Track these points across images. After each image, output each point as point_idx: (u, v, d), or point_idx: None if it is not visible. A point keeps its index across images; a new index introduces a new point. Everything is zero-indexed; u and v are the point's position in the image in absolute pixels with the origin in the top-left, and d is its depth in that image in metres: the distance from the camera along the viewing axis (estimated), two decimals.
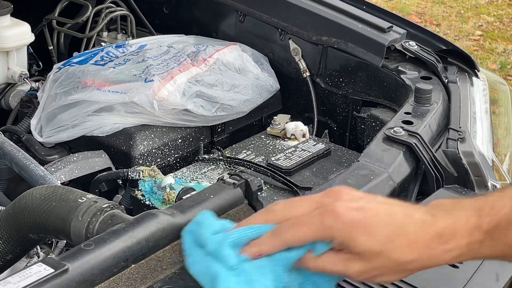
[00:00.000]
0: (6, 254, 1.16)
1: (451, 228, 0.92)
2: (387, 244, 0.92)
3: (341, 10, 1.95)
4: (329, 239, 0.94)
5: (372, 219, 0.93)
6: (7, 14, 2.05)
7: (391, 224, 0.93)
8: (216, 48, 1.96)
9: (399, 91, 1.80)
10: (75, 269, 0.94)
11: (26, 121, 1.88)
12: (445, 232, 0.92)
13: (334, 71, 1.96)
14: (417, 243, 0.92)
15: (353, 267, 0.94)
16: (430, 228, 0.92)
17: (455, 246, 0.92)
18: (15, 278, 0.91)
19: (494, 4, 5.93)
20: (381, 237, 0.92)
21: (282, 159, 1.69)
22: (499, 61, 4.91)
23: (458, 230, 0.92)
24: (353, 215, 0.93)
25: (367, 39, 1.88)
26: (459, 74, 1.86)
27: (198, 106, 1.77)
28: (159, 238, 1.04)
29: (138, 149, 1.71)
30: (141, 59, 1.88)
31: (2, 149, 1.56)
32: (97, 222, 1.07)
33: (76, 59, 1.92)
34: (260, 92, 1.90)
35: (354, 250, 0.93)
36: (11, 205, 1.16)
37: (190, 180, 1.64)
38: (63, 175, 1.64)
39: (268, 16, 2.04)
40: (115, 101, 1.74)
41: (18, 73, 2.05)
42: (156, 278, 1.01)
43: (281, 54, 2.04)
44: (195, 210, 1.11)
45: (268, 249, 0.96)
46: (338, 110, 1.98)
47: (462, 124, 1.60)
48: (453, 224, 0.92)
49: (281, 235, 0.95)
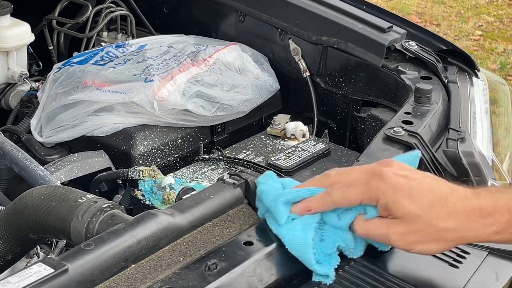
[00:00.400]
0: (6, 254, 1.17)
1: (492, 205, 0.98)
2: (428, 210, 0.98)
3: (341, 10, 1.95)
4: (374, 200, 1.01)
5: (416, 186, 1.00)
6: (7, 14, 2.05)
7: (434, 193, 1.00)
8: (216, 48, 1.96)
9: (399, 91, 1.80)
10: (75, 269, 0.94)
11: (26, 121, 1.88)
12: (485, 208, 0.98)
13: (334, 71, 1.96)
14: (457, 212, 0.98)
15: (394, 229, 1.01)
16: (471, 201, 0.98)
17: (494, 221, 0.97)
18: (15, 278, 0.91)
19: (494, 4, 5.93)
20: (422, 202, 0.99)
21: (282, 159, 1.69)
22: (499, 61, 4.91)
23: (498, 208, 0.97)
24: (398, 179, 1.00)
25: (367, 39, 1.88)
26: (459, 74, 1.86)
27: (198, 106, 1.77)
28: (159, 238, 1.04)
29: (138, 149, 1.71)
30: (141, 59, 1.88)
31: (2, 149, 1.56)
32: (97, 222, 1.07)
33: (76, 59, 1.92)
34: (260, 92, 1.90)
35: (396, 212, 1.00)
36: (11, 205, 1.17)
37: (190, 180, 1.64)
38: (63, 175, 1.64)
39: (268, 16, 2.04)
40: (115, 101, 1.74)
41: (18, 73, 2.05)
42: (156, 278, 1.01)
43: (281, 54, 2.04)
44: (195, 210, 1.11)
45: (317, 206, 1.06)
46: (338, 110, 1.98)
47: (462, 124, 1.60)
48: (494, 202, 0.98)
49: (331, 194, 1.05)
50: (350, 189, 1.03)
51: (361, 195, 1.02)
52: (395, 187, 1.00)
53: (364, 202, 1.03)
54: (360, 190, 1.02)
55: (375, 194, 1.01)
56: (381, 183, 1.01)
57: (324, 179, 1.08)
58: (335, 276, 1.08)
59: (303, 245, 1.06)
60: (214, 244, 1.09)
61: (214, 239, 1.10)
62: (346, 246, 1.10)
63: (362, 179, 1.03)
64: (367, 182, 1.02)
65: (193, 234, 1.09)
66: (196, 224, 1.10)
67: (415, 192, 0.99)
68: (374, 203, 1.02)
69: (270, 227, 1.11)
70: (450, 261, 1.17)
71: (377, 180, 1.01)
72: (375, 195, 1.01)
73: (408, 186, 1.00)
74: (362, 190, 1.02)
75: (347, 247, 1.10)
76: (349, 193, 1.03)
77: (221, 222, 1.14)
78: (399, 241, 1.02)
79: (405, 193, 0.99)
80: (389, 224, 1.02)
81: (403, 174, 1.01)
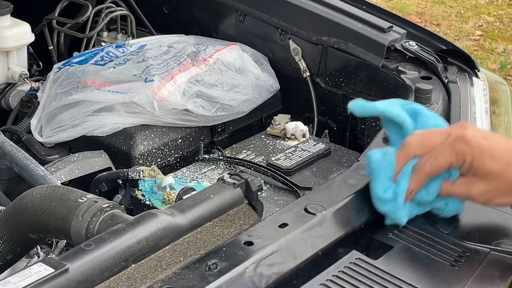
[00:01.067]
0: (6, 254, 1.17)
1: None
2: (507, 168, 1.11)
3: (341, 10, 1.95)
4: (461, 162, 1.12)
5: (496, 146, 1.12)
6: (7, 14, 2.05)
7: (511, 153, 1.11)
8: (216, 48, 1.96)
9: (399, 91, 1.80)
10: (75, 269, 0.94)
11: (26, 121, 1.88)
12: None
13: (334, 71, 1.96)
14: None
15: (477, 187, 1.14)
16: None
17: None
18: (15, 278, 0.91)
19: (494, 4, 5.93)
20: (503, 161, 1.11)
21: (282, 159, 1.69)
22: (499, 61, 4.91)
23: None
24: (480, 141, 1.11)
25: (367, 39, 1.88)
26: (459, 74, 1.86)
27: (198, 106, 1.77)
28: (159, 238, 1.04)
29: (138, 149, 1.71)
30: (141, 59, 1.88)
31: (2, 149, 1.56)
32: (97, 222, 1.07)
33: (76, 59, 1.92)
34: (260, 92, 1.90)
35: (480, 172, 1.12)
36: (11, 205, 1.17)
37: (190, 180, 1.64)
38: (63, 175, 1.64)
39: (268, 16, 2.04)
40: (115, 101, 1.74)
41: (18, 73, 2.05)
42: (156, 278, 1.01)
43: (281, 54, 2.04)
44: (195, 210, 1.11)
45: (416, 184, 1.16)
46: (338, 110, 1.98)
47: None
48: None
49: (423, 168, 1.15)
50: (438, 158, 1.13)
51: (450, 160, 1.12)
52: (479, 149, 1.10)
53: (452, 165, 1.13)
54: (448, 155, 1.12)
55: (462, 157, 1.11)
56: (466, 147, 1.11)
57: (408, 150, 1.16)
58: (338, 277, 1.08)
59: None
60: (214, 244, 1.09)
61: (214, 239, 1.10)
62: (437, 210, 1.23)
63: (446, 145, 1.12)
64: (453, 148, 1.12)
65: (193, 234, 1.09)
66: (196, 224, 1.10)
67: (495, 152, 1.10)
68: (460, 165, 1.13)
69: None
70: (450, 261, 1.17)
71: (462, 143, 1.11)
72: (461, 158, 1.11)
73: (490, 147, 1.11)
74: (450, 155, 1.12)
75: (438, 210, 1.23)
76: (439, 161, 1.13)
77: (221, 222, 1.14)
78: (480, 197, 1.15)
79: (488, 154, 1.10)
80: (471, 183, 1.14)
81: (482, 135, 1.12)
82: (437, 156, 1.13)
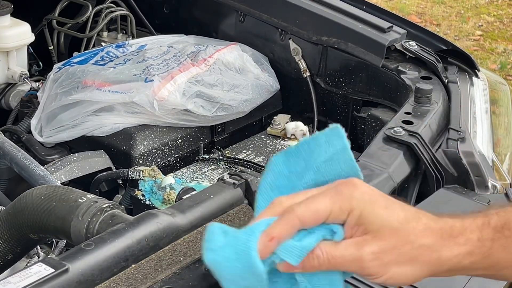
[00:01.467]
0: (6, 254, 1.16)
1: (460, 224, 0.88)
2: (404, 224, 0.85)
3: (341, 10, 1.95)
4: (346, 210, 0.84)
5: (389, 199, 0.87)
6: (7, 14, 2.05)
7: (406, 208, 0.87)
8: (216, 48, 1.96)
9: (399, 91, 1.80)
10: (75, 269, 0.94)
11: (26, 121, 1.88)
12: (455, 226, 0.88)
13: (334, 71, 1.96)
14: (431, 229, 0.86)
15: (367, 248, 0.84)
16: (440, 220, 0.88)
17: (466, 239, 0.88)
18: (15, 278, 0.91)
19: (494, 4, 5.93)
20: (399, 215, 0.85)
21: None
22: (499, 61, 4.91)
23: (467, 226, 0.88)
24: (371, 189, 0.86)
25: (367, 39, 1.88)
26: (459, 74, 1.86)
27: (198, 106, 1.77)
28: (159, 238, 1.04)
29: (138, 149, 1.71)
30: (141, 59, 1.88)
31: (2, 149, 1.56)
32: (97, 222, 1.07)
33: (76, 59, 1.92)
34: (260, 92, 1.90)
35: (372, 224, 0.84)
36: (11, 205, 1.17)
37: (190, 180, 1.64)
38: (63, 175, 1.64)
39: (268, 16, 2.04)
40: (115, 101, 1.74)
41: (18, 73, 2.05)
42: (156, 278, 1.01)
43: (281, 54, 2.04)
44: (195, 210, 1.11)
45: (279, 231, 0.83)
46: (338, 110, 1.98)
47: (462, 124, 1.60)
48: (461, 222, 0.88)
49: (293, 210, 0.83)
50: (316, 199, 0.84)
51: (331, 205, 0.83)
52: (370, 196, 0.85)
53: (333, 214, 0.84)
54: (330, 198, 0.84)
55: (348, 203, 0.84)
56: (354, 191, 0.84)
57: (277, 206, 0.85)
58: None
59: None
60: None
61: None
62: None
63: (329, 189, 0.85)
64: (337, 190, 0.85)
65: (194, 234, 1.09)
66: (196, 224, 1.10)
67: (390, 204, 0.86)
68: (345, 216, 0.84)
69: None
70: None
71: (348, 187, 0.85)
72: (347, 204, 0.84)
73: (383, 197, 0.86)
74: (332, 198, 0.84)
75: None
76: (317, 204, 0.83)
77: (221, 222, 1.14)
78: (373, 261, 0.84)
79: (381, 204, 0.85)
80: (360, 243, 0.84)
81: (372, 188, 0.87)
82: (316, 198, 0.84)
